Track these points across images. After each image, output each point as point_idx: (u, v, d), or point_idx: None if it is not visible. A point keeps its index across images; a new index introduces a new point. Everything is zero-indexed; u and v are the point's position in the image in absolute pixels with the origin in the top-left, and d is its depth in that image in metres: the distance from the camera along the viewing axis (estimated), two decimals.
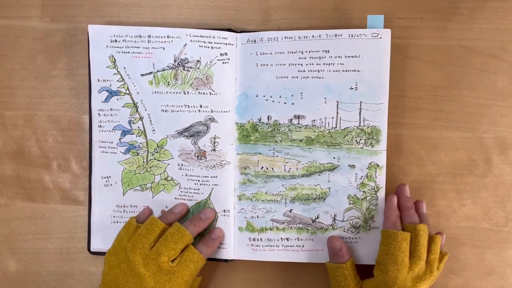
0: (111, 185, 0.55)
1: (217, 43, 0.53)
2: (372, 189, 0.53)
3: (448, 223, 0.55)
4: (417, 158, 0.55)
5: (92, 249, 0.56)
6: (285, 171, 0.54)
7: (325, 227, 0.54)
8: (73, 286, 0.58)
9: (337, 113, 0.53)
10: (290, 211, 0.54)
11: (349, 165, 0.53)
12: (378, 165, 0.53)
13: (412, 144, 0.55)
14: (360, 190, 0.53)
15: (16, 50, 0.57)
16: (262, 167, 0.54)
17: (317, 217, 0.54)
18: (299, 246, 0.54)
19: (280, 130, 0.53)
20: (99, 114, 0.55)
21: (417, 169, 0.55)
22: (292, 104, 0.53)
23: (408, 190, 0.53)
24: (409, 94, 0.55)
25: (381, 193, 0.53)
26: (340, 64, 0.52)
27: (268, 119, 0.54)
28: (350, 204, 0.53)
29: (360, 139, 0.53)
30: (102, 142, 0.55)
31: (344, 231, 0.53)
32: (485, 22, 0.54)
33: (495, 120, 0.54)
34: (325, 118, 0.53)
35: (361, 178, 0.53)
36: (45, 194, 0.57)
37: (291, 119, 0.53)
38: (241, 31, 0.54)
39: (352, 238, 0.53)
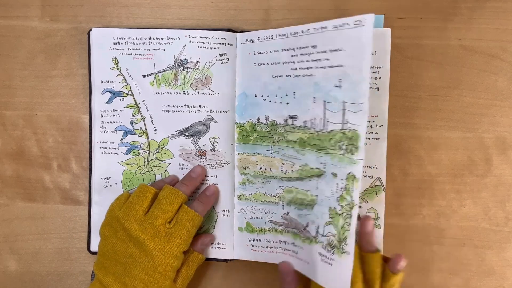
0: (110, 186, 0.55)
1: (216, 43, 0.53)
2: (348, 204, 0.46)
3: (448, 223, 0.55)
4: (417, 158, 0.55)
5: (92, 249, 0.56)
6: (282, 172, 0.53)
7: (310, 237, 0.50)
8: (73, 286, 0.58)
9: (324, 114, 0.48)
10: (287, 214, 0.53)
11: (332, 173, 0.48)
12: (355, 177, 0.45)
13: (412, 144, 0.55)
14: (339, 204, 0.47)
15: (16, 50, 0.57)
16: (260, 168, 0.54)
17: (307, 225, 0.51)
18: (295, 252, 0.52)
19: (277, 131, 0.52)
20: (101, 115, 0.55)
21: (417, 169, 0.55)
22: (287, 104, 0.51)
23: (370, 226, 0.50)
24: (409, 94, 0.55)
25: (355, 212, 0.45)
26: (326, 59, 0.47)
27: (265, 119, 0.53)
28: (330, 218, 0.47)
29: (342, 144, 0.46)
30: (103, 143, 0.55)
31: (323, 247, 0.48)
32: (485, 22, 0.54)
33: (495, 120, 0.54)
34: (315, 119, 0.49)
35: (340, 190, 0.46)
36: (45, 194, 0.57)
37: (286, 119, 0.52)
38: (241, 31, 0.54)
39: (328, 258, 0.47)
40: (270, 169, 0.53)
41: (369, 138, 0.52)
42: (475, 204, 0.55)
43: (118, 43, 0.54)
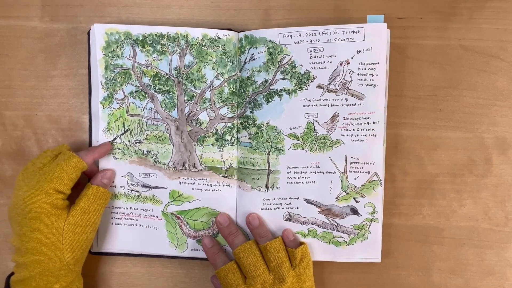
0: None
1: None
2: None
3: (448, 223, 0.55)
4: (417, 158, 0.55)
5: (92, 250, 0.56)
6: None
7: None
8: None
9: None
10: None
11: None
12: None
13: (412, 144, 0.55)
14: None
15: (16, 50, 0.57)
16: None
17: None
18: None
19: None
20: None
21: (417, 169, 0.55)
22: None
23: (255, 220, 0.52)
24: (409, 94, 0.55)
25: None
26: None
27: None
28: None
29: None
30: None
31: None
32: (485, 22, 0.54)
33: (495, 120, 0.54)
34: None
35: None
36: None
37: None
38: (241, 31, 0.54)
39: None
40: None
41: (365, 135, 0.52)
42: (475, 204, 0.55)
43: None
